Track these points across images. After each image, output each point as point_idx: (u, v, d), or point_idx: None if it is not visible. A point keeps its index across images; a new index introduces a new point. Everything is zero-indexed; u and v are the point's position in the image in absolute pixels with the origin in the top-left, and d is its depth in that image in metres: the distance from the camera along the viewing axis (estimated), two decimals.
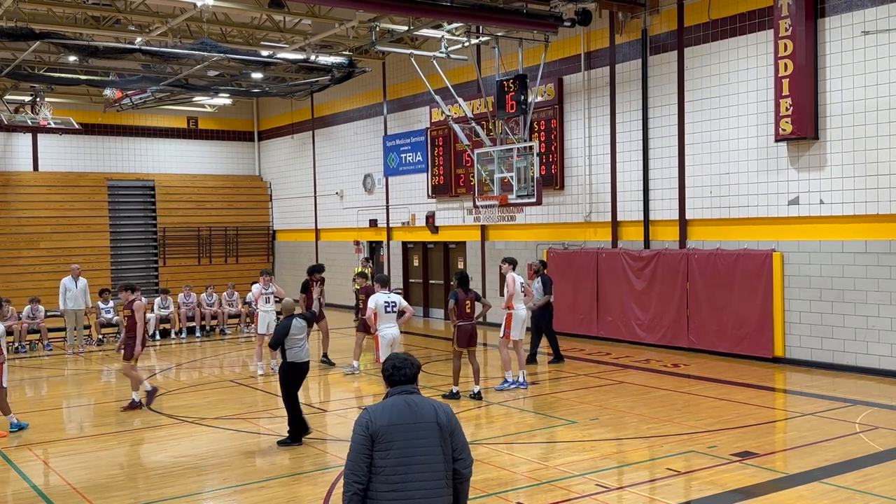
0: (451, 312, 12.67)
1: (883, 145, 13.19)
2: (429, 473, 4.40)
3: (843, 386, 12.82)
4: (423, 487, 4.38)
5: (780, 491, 7.93)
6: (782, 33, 14.04)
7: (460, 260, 21.63)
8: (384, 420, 4.41)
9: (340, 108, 26.50)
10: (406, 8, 14.96)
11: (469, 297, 12.67)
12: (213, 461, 9.44)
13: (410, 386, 4.60)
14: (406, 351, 12.09)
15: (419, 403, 4.52)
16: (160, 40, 18.31)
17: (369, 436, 4.38)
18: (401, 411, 4.46)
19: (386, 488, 4.35)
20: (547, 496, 7.87)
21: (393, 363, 4.63)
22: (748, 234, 15.26)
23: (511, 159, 16.76)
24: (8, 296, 20.44)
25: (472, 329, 12.57)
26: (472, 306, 12.67)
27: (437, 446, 4.44)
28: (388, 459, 4.36)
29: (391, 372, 4.60)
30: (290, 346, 10.05)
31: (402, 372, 4.59)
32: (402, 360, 4.63)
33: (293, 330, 10.07)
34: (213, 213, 29.49)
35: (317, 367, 15.35)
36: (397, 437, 4.38)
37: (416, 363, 4.66)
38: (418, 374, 4.67)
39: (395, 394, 4.57)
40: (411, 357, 4.70)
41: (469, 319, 12.57)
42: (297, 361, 10.06)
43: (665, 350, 16.31)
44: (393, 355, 4.72)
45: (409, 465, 4.37)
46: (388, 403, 4.52)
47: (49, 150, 27.37)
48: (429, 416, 4.47)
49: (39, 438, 10.70)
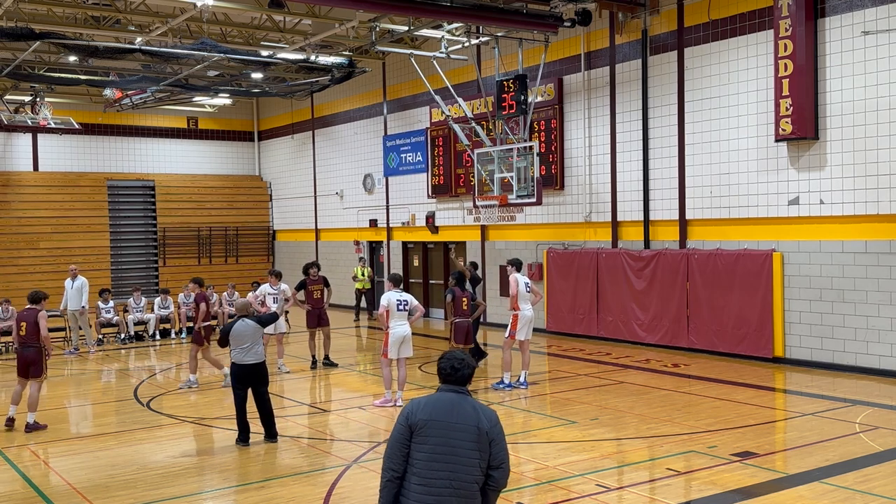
0: (448, 308, 12.72)
1: (883, 145, 13.19)
2: (459, 474, 4.41)
3: (843, 386, 12.82)
4: (451, 486, 4.41)
5: (780, 491, 7.93)
6: (782, 33, 14.04)
7: (460, 259, 21.61)
8: (424, 414, 4.48)
9: (340, 108, 26.50)
10: (406, 8, 14.96)
11: (466, 294, 12.74)
12: (213, 461, 9.44)
13: (461, 387, 4.64)
14: (412, 349, 12.17)
15: (463, 405, 4.54)
16: (160, 40, 18.31)
17: (408, 426, 4.48)
18: (443, 409, 4.51)
19: (417, 481, 4.43)
20: (547, 496, 7.87)
21: (452, 363, 4.66)
22: (748, 234, 15.27)
23: (511, 159, 16.76)
24: (8, 296, 20.54)
25: (469, 326, 12.62)
26: (468, 304, 12.75)
27: (473, 450, 4.44)
28: (421, 453, 4.44)
29: (448, 371, 4.64)
30: (233, 346, 10.02)
31: (459, 373, 4.63)
32: (459, 361, 4.66)
33: (235, 331, 9.99)
34: (213, 213, 29.49)
35: (309, 369, 15.37)
36: (433, 433, 4.44)
37: (472, 365, 4.69)
38: (471, 377, 4.70)
39: (443, 391, 4.63)
40: (468, 359, 4.71)
41: (466, 317, 12.65)
42: (237, 363, 10.00)
43: (665, 350, 16.31)
44: (450, 355, 4.73)
45: (441, 462, 4.41)
46: (433, 398, 4.59)
47: (49, 150, 27.37)
48: (469, 420, 4.48)
49: (39, 438, 10.70)
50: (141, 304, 20.27)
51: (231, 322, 10.21)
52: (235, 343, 9.99)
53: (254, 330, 10.06)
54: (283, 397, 12.82)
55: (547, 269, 18.87)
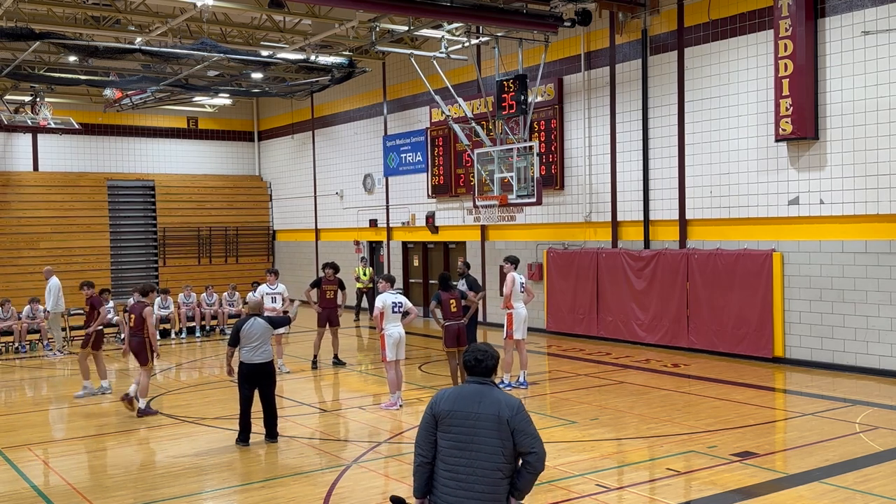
0: (433, 312, 12.68)
1: (883, 145, 13.19)
2: (482, 462, 4.59)
3: (843, 386, 12.82)
4: (475, 474, 4.59)
5: (780, 491, 7.93)
6: (782, 33, 14.04)
7: (460, 259, 21.63)
8: (447, 405, 4.71)
9: (340, 108, 26.50)
10: (406, 8, 14.96)
11: (454, 295, 12.62)
12: (213, 461, 9.44)
13: (486, 378, 4.80)
14: (405, 350, 12.18)
15: (486, 395, 4.69)
16: (160, 40, 18.31)
17: (433, 416, 4.73)
18: (466, 399, 4.69)
19: (443, 468, 4.68)
20: (547, 496, 7.87)
21: (475, 356, 4.83)
22: (748, 234, 15.27)
23: (511, 159, 16.76)
24: (8, 296, 20.55)
25: (459, 329, 12.53)
26: (457, 305, 12.61)
27: (494, 438, 4.59)
28: (446, 441, 4.67)
29: (472, 363, 4.81)
30: (242, 345, 10.04)
31: (482, 364, 4.80)
32: (482, 353, 4.83)
33: (245, 331, 10.01)
34: (213, 213, 29.48)
35: (309, 369, 15.37)
36: (455, 423, 4.65)
37: (495, 356, 4.85)
38: (496, 368, 4.83)
39: (469, 382, 4.81)
40: (491, 350, 4.86)
41: (455, 319, 12.53)
42: (246, 362, 10.02)
43: (665, 350, 16.31)
44: (475, 347, 4.90)
45: (464, 450, 4.61)
46: (457, 390, 4.80)
47: (49, 150, 27.37)
48: (490, 409, 4.63)
49: (39, 438, 10.70)
50: None
51: (242, 320, 10.22)
52: (245, 342, 10.01)
53: (264, 329, 10.11)
54: (283, 397, 12.82)
55: (547, 269, 18.87)
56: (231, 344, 10.14)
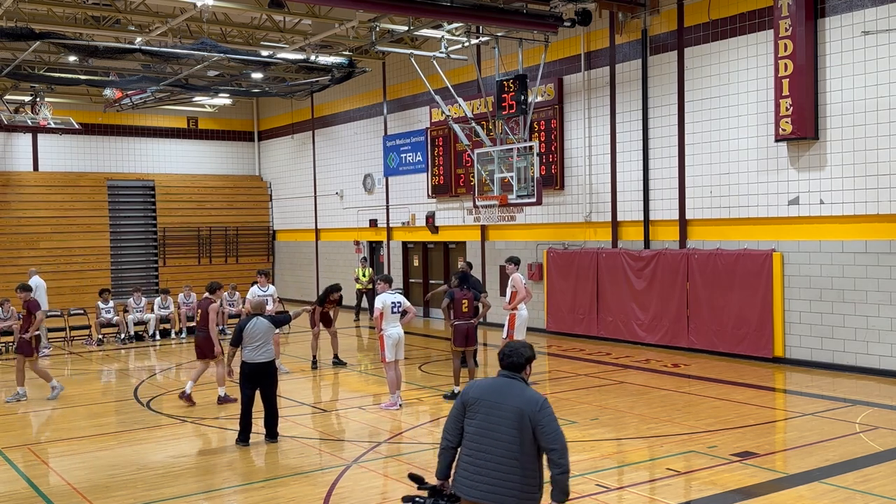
0: (444, 311, 12.67)
1: (883, 145, 13.19)
2: (501, 451, 4.82)
3: (843, 386, 12.82)
4: (494, 461, 4.82)
5: (780, 491, 7.93)
6: (782, 33, 14.04)
7: (460, 259, 21.64)
8: (475, 393, 5.01)
9: (340, 108, 26.50)
10: (406, 8, 14.96)
11: (467, 295, 12.63)
12: (213, 461, 9.45)
13: (514, 374, 5.03)
14: (405, 350, 12.16)
15: (511, 388, 4.95)
16: (160, 40, 18.31)
17: (462, 403, 5.03)
18: (492, 390, 4.98)
19: (466, 452, 4.96)
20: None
21: (504, 351, 5.09)
22: (748, 234, 15.27)
23: (511, 159, 16.76)
24: (8, 296, 20.53)
25: (469, 328, 12.54)
26: (469, 305, 12.62)
27: (513, 429, 4.81)
28: (471, 428, 4.95)
29: (500, 358, 5.10)
30: (245, 344, 10.06)
31: (508, 359, 5.05)
32: (512, 349, 5.07)
33: (248, 330, 10.02)
34: (213, 213, 29.48)
35: (309, 369, 15.37)
36: (480, 411, 4.93)
37: (524, 354, 5.07)
38: (527, 364, 5.07)
39: (501, 375, 5.06)
40: (523, 348, 5.10)
41: (466, 319, 12.54)
42: (248, 361, 10.03)
43: (665, 350, 16.31)
44: (511, 343, 5.14)
45: (485, 438, 4.87)
46: (487, 381, 5.10)
47: (49, 150, 27.37)
48: (513, 402, 4.87)
49: (39, 438, 10.70)
50: (141, 305, 20.27)
51: (245, 320, 10.25)
52: (248, 341, 10.02)
53: (267, 329, 10.13)
54: (282, 397, 12.80)
55: (547, 269, 18.87)
56: (233, 344, 10.14)
